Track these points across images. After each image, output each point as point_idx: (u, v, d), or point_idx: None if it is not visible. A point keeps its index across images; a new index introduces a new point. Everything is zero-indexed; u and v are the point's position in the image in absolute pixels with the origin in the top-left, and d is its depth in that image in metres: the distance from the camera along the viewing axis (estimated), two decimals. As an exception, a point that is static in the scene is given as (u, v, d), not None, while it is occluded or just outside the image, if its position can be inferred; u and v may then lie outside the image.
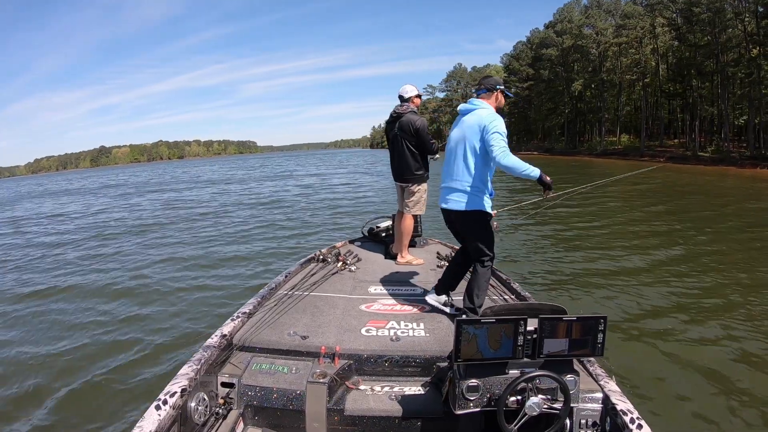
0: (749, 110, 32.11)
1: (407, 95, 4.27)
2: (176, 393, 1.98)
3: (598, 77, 49.17)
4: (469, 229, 2.90)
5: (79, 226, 15.03)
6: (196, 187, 30.11)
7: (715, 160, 32.02)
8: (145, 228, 13.23)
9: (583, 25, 51.73)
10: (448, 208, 2.92)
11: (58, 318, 5.90)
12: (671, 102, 45.00)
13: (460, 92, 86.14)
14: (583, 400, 2.09)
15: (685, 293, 5.88)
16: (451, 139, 2.96)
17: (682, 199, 15.51)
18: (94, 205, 22.18)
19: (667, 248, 8.30)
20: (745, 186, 19.82)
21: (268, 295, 3.34)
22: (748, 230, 9.81)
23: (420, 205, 4.35)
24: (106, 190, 34.36)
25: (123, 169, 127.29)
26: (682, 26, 38.07)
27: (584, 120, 56.81)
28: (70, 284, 7.49)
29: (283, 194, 21.35)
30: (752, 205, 13.93)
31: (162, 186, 33.45)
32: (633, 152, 42.50)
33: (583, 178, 24.33)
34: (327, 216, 13.55)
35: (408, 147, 4.21)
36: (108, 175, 72.84)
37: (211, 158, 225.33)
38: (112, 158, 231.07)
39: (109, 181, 47.48)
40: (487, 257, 2.88)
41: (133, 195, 26.89)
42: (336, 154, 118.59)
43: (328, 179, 30.51)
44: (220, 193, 24.00)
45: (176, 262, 8.66)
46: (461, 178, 2.84)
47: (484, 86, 2.93)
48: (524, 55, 63.78)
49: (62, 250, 10.86)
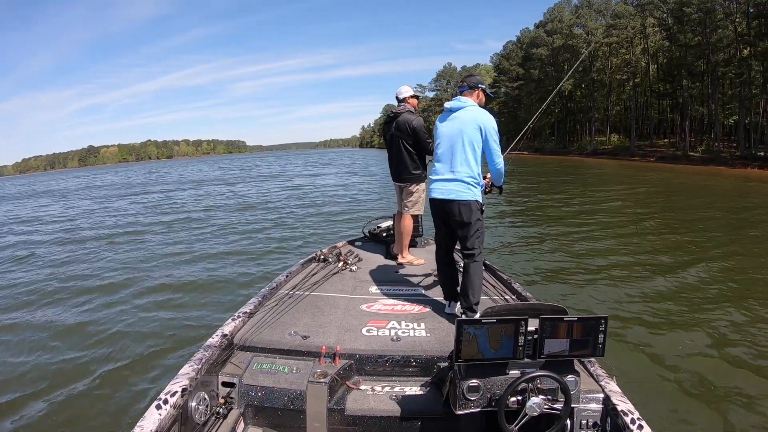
0: (739, 110, 32.25)
1: (402, 96, 4.29)
2: (177, 392, 1.98)
3: (588, 77, 49.11)
4: (468, 219, 2.88)
5: (77, 225, 15.04)
6: (193, 187, 29.56)
7: (705, 160, 32.17)
8: (146, 228, 13.16)
9: (574, 24, 51.69)
10: (447, 198, 2.90)
11: (57, 318, 5.88)
12: (661, 102, 45.24)
13: (449, 92, 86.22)
14: (584, 401, 2.09)
15: (686, 295, 5.87)
16: (443, 134, 2.98)
17: (681, 199, 15.53)
18: (90, 205, 22.03)
19: (669, 249, 8.30)
20: (744, 187, 19.73)
21: (268, 295, 3.34)
22: (752, 229, 9.83)
23: (419, 204, 4.38)
24: (106, 189, 33.82)
25: (112, 168, 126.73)
26: (672, 26, 38.14)
27: (574, 120, 56.88)
28: (68, 284, 7.45)
29: (279, 196, 21.02)
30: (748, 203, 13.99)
31: (159, 186, 32.95)
32: (623, 152, 42.81)
33: (576, 178, 24.49)
34: (318, 220, 13.25)
35: (405, 147, 4.23)
36: (95, 175, 72.05)
37: (200, 158, 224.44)
38: (101, 158, 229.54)
39: (105, 182, 46.79)
40: (477, 250, 2.90)
41: (123, 196, 26.57)
42: (325, 154, 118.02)
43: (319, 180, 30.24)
44: (211, 195, 23.67)
45: (175, 262, 8.63)
46: (461, 170, 2.87)
47: (467, 83, 3.04)
48: (514, 54, 63.73)
49: (61, 248, 10.91)
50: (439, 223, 3.09)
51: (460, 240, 2.98)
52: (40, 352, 4.85)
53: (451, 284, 3.13)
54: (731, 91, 33.64)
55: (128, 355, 4.63)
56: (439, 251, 3.20)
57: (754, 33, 30.62)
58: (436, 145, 3.04)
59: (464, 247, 2.93)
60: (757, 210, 12.61)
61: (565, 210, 12.59)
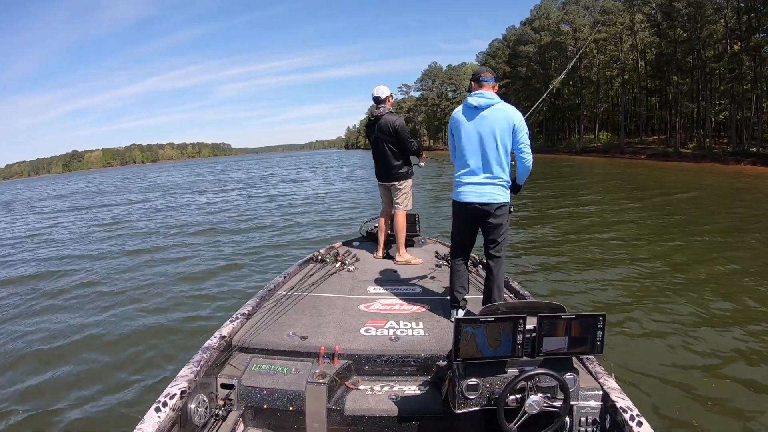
0: (731, 106, 31.82)
1: (383, 96, 4.31)
2: (176, 395, 1.96)
3: (576, 74, 48.62)
4: (503, 221, 2.88)
5: (93, 222, 15.31)
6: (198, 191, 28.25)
7: (697, 157, 31.68)
8: (144, 228, 13.23)
9: (561, 21, 51.09)
10: (484, 202, 2.85)
11: (56, 318, 5.91)
12: (649, 98, 44.94)
13: (435, 91, 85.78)
14: (583, 398, 2.09)
15: (685, 291, 5.88)
16: (471, 134, 2.86)
17: (674, 196, 15.47)
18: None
19: (666, 246, 8.30)
20: (740, 183, 19.39)
21: (267, 296, 3.33)
22: (746, 226, 9.86)
23: (408, 200, 4.44)
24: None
25: (90, 174, 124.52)
26: (661, 22, 37.69)
27: (563, 117, 56.35)
28: (66, 285, 7.48)
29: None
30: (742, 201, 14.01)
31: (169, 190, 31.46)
32: (613, 149, 42.55)
33: (568, 178, 23.87)
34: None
35: (389, 147, 4.28)
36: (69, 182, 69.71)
37: (185, 161, 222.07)
38: (85, 163, 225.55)
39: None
40: (504, 252, 2.91)
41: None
42: (310, 156, 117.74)
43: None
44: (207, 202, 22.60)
45: (174, 262, 8.64)
46: (496, 172, 2.83)
47: (492, 75, 2.90)
48: (500, 52, 63.20)
49: (58, 247, 11.07)
50: (464, 225, 3.02)
51: (488, 242, 2.94)
52: (36, 357, 4.81)
53: (461, 289, 3.05)
54: (723, 87, 33.22)
55: (127, 357, 4.62)
56: (457, 252, 3.12)
57: (744, 28, 30.28)
58: (461, 145, 2.91)
59: (493, 248, 2.91)
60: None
61: (560, 209, 12.63)
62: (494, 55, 64.53)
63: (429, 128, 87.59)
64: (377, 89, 4.29)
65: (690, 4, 32.70)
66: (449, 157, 3.18)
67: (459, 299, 3.03)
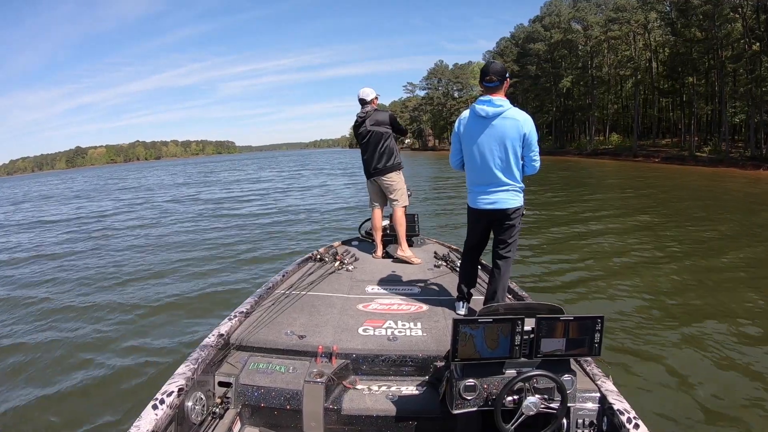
0: (750, 108, 30.34)
1: (369, 98, 4.46)
2: (173, 392, 1.95)
3: (588, 74, 47.32)
4: (516, 224, 2.91)
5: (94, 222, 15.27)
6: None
7: (714, 161, 30.22)
8: (143, 230, 13.16)
9: (572, 19, 49.76)
10: (498, 208, 2.86)
11: (53, 318, 5.89)
12: (661, 100, 43.70)
13: (441, 90, 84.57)
14: (580, 400, 2.07)
15: (682, 294, 5.87)
16: (481, 144, 2.82)
17: (681, 199, 15.25)
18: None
19: (666, 249, 8.23)
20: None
21: (265, 295, 3.30)
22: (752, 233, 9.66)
23: (404, 193, 4.50)
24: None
25: (90, 170, 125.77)
26: (676, 21, 36.37)
27: (572, 118, 55.01)
28: (63, 285, 7.48)
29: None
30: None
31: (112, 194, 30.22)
32: (625, 152, 41.07)
33: (577, 181, 22.78)
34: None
35: (384, 138, 4.39)
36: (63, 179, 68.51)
37: (188, 159, 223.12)
38: (88, 159, 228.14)
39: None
40: (513, 252, 2.95)
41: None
42: (314, 155, 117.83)
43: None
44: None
45: (173, 261, 8.65)
46: (510, 179, 2.83)
47: (497, 77, 2.76)
48: (508, 51, 62.16)
49: (57, 246, 11.18)
50: (478, 228, 3.05)
51: (499, 242, 2.96)
52: (36, 352, 4.85)
53: (469, 285, 3.10)
54: (742, 88, 31.62)
55: (124, 355, 4.63)
56: (470, 252, 3.17)
57: (764, 27, 28.98)
58: (473, 154, 2.87)
59: (503, 249, 2.94)
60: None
61: (564, 211, 12.77)
62: (502, 53, 63.58)
63: (434, 128, 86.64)
64: (362, 91, 4.45)
65: (707, 2, 31.39)
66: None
67: (465, 292, 3.07)
